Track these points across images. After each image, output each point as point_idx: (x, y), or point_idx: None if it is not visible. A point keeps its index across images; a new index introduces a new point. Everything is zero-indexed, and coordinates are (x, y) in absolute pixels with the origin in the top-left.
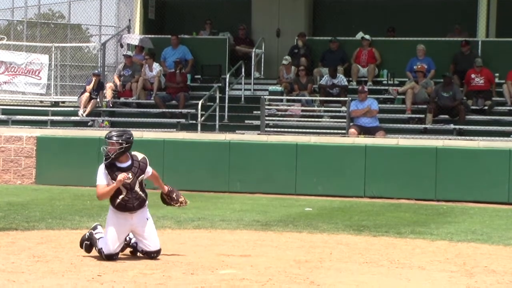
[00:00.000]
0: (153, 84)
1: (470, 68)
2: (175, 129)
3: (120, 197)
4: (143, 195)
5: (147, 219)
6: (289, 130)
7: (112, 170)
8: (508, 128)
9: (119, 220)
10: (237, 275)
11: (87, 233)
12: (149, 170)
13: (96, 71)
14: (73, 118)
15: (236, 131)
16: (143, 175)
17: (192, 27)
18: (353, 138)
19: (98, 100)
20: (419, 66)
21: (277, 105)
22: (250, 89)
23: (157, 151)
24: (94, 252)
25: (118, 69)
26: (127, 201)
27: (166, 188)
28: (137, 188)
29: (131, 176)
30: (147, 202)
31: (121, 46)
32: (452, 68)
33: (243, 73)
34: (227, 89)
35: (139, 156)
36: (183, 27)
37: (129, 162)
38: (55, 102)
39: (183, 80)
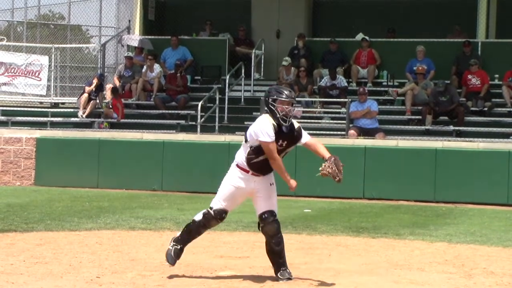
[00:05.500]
0: (153, 85)
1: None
2: (174, 131)
3: (261, 158)
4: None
5: (271, 184)
6: None
7: (276, 131)
8: (508, 130)
9: (240, 181)
10: (236, 276)
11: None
12: (304, 139)
13: (100, 74)
14: (72, 119)
15: (236, 133)
16: (293, 147)
17: (192, 28)
18: (353, 139)
19: (97, 101)
20: (419, 68)
21: None
22: (250, 90)
23: (157, 152)
24: (94, 253)
25: (118, 70)
26: (264, 164)
27: (327, 155)
28: (282, 155)
29: (284, 144)
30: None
31: (122, 45)
32: (454, 69)
33: (243, 74)
34: (227, 90)
35: (295, 124)
36: (183, 28)
37: (288, 128)
38: (54, 103)
39: (184, 83)
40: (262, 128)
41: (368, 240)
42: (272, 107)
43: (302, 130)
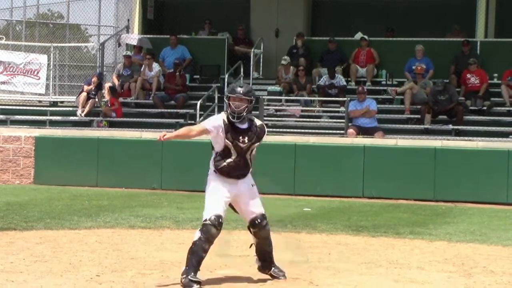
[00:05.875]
0: (151, 84)
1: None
2: (173, 129)
3: (228, 161)
4: (250, 163)
5: (253, 185)
6: (288, 130)
7: (230, 129)
8: (507, 129)
9: (224, 184)
10: (236, 275)
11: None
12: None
13: (98, 73)
14: (71, 118)
15: None
16: (258, 144)
17: (191, 27)
18: (352, 138)
19: (96, 100)
20: (418, 67)
21: (276, 106)
22: None
23: (155, 151)
24: (93, 252)
25: (117, 69)
26: (233, 167)
27: None
28: (247, 155)
29: (247, 141)
30: (251, 170)
31: (119, 45)
32: (453, 69)
33: (242, 73)
34: (225, 89)
35: (257, 121)
36: (182, 27)
37: (247, 125)
38: (53, 102)
39: (183, 82)
40: (211, 118)
41: (367, 239)
42: (226, 104)
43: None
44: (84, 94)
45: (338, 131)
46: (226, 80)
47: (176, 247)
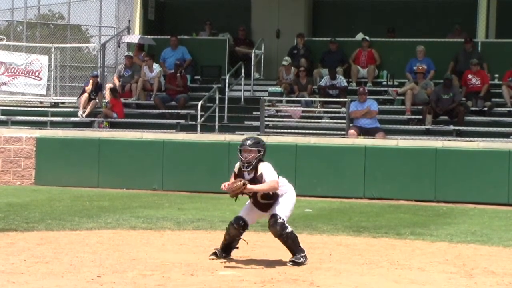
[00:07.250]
0: (152, 85)
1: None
2: (174, 130)
3: (250, 200)
4: (269, 202)
5: (281, 195)
6: (289, 131)
7: (238, 177)
8: (508, 129)
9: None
10: (237, 276)
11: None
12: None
13: (95, 73)
14: (72, 118)
15: (236, 132)
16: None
17: (191, 28)
18: (353, 139)
19: (97, 101)
20: (419, 68)
21: (277, 106)
22: (249, 90)
23: (156, 152)
24: (94, 253)
25: (118, 70)
26: (255, 205)
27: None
28: (258, 197)
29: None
30: (277, 198)
31: (119, 45)
32: (452, 66)
33: (242, 74)
34: (226, 90)
35: (259, 170)
36: (183, 28)
37: (252, 175)
38: (54, 103)
39: (184, 83)
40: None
41: (368, 239)
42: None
43: (265, 175)
44: (85, 95)
45: (339, 132)
46: (227, 80)
47: (177, 248)
